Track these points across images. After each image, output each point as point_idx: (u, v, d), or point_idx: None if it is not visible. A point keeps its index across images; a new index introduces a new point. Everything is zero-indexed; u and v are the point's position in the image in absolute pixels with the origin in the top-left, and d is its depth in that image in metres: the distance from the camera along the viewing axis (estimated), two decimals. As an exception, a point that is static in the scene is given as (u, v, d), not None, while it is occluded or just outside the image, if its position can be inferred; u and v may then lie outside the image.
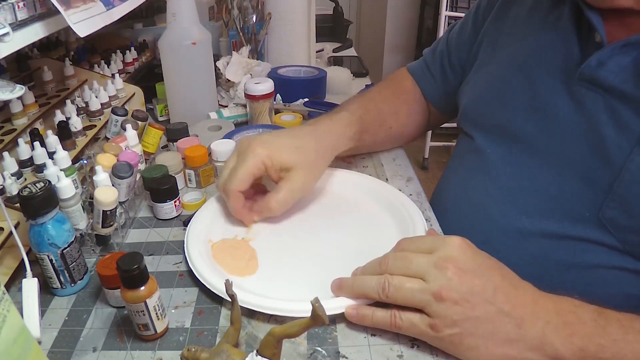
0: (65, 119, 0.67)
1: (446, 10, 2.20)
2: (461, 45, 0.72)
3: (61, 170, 0.53)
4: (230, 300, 0.41)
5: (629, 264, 0.48)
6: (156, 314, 0.42)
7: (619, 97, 0.47)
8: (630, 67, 0.46)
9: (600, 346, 0.38)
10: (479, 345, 0.39)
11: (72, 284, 0.49)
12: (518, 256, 0.43)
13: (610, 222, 0.47)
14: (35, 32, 0.45)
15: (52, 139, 0.61)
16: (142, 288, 0.41)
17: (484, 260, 0.42)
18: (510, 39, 0.60)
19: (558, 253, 0.51)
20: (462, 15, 0.83)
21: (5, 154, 0.57)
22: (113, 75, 0.86)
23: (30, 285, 0.45)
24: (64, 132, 0.65)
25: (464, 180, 0.63)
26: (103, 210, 0.51)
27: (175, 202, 0.61)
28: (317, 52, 1.25)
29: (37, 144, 0.58)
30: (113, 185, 0.55)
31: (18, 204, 0.47)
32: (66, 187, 0.49)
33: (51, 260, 0.47)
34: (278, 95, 0.94)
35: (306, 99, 0.93)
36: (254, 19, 0.99)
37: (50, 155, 0.58)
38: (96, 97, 0.76)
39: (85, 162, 0.61)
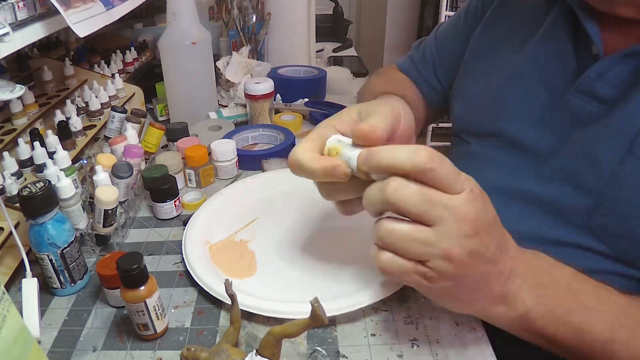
0: (65, 119, 0.68)
1: (446, 10, 2.20)
2: (451, 55, 0.70)
3: (61, 170, 0.53)
4: (229, 300, 0.41)
5: (620, 269, 0.48)
6: (156, 313, 0.42)
7: (612, 106, 0.47)
8: (628, 77, 0.46)
9: (569, 310, 0.39)
10: (470, 299, 0.38)
11: (72, 284, 0.49)
12: None
13: (601, 229, 0.47)
14: (35, 32, 0.45)
15: (52, 139, 0.61)
16: (142, 288, 0.41)
17: (492, 213, 0.37)
18: (504, 48, 0.60)
19: None
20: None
21: (5, 154, 0.57)
22: (113, 75, 0.86)
23: (30, 285, 0.45)
24: (64, 132, 0.65)
25: None
26: (104, 210, 0.51)
27: (175, 202, 0.61)
28: (317, 52, 1.25)
29: (37, 143, 0.59)
30: (112, 185, 0.55)
31: (18, 204, 0.47)
32: (66, 187, 0.49)
33: (51, 260, 0.47)
34: (278, 95, 0.94)
35: (306, 99, 0.93)
36: (254, 19, 1.00)
37: (50, 155, 0.58)
38: (96, 97, 0.76)
39: (85, 162, 0.62)
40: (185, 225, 0.58)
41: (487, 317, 0.40)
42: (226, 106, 0.91)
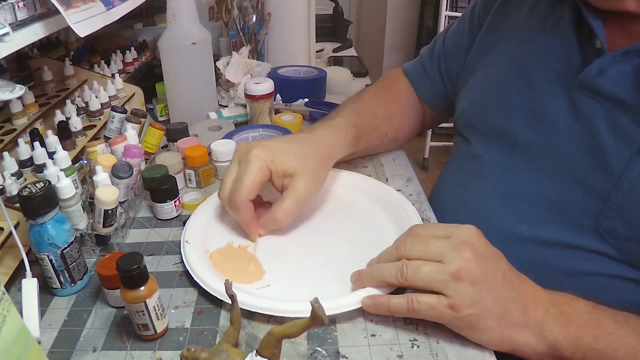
0: (65, 119, 0.68)
1: (446, 10, 2.20)
2: (457, 52, 0.71)
3: (61, 170, 0.53)
4: (229, 300, 0.41)
5: (627, 273, 0.48)
6: (156, 314, 0.42)
7: (618, 105, 0.46)
8: (630, 75, 0.46)
9: (594, 337, 0.40)
10: (493, 327, 0.40)
11: (72, 284, 0.49)
12: (516, 262, 0.43)
13: (608, 232, 0.47)
14: (35, 32, 0.45)
15: (52, 139, 0.61)
16: (142, 288, 0.41)
17: (494, 250, 0.43)
18: (509, 42, 0.60)
19: (556, 260, 0.51)
20: (462, 15, 0.84)
21: (5, 154, 0.57)
22: (113, 75, 0.86)
23: (30, 285, 0.45)
24: (64, 132, 0.65)
25: (462, 185, 0.63)
26: (104, 210, 0.51)
27: (175, 202, 0.61)
28: (317, 52, 1.25)
29: (37, 144, 0.58)
30: (112, 185, 0.55)
31: (18, 204, 0.47)
32: (66, 187, 0.49)
33: (51, 260, 0.47)
34: (278, 95, 0.94)
35: (306, 99, 0.93)
36: (254, 19, 1.00)
37: (50, 155, 0.58)
38: (96, 97, 0.76)
39: (85, 162, 0.61)
40: (184, 226, 0.58)
41: (516, 349, 0.41)
42: (226, 106, 0.91)
